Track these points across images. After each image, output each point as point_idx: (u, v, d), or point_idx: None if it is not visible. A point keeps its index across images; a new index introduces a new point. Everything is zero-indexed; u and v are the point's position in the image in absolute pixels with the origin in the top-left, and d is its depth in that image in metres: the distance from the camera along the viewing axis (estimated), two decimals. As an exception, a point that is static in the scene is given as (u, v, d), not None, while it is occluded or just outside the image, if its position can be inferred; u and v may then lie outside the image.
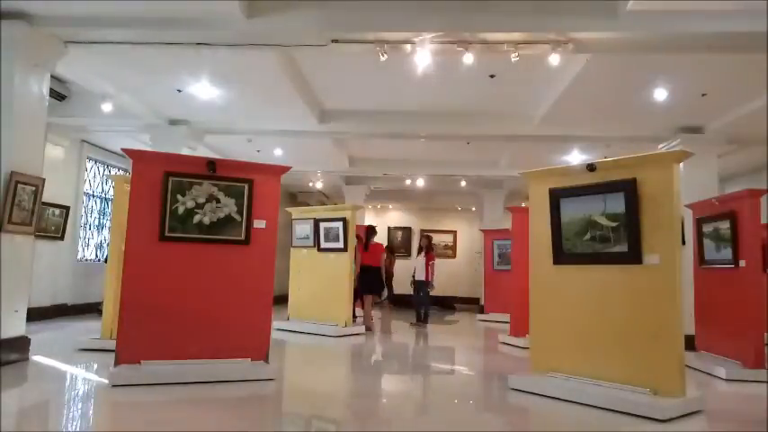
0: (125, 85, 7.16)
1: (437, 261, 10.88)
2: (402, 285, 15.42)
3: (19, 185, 5.06)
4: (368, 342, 7.77)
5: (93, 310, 9.35)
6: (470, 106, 8.06)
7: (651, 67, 6.08)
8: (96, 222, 10.55)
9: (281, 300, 9.28)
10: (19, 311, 5.19)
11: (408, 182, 12.78)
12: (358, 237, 8.72)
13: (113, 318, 5.52)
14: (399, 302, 14.48)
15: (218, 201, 4.74)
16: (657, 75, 6.28)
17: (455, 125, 8.47)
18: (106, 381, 4.39)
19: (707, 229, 6.17)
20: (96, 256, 10.48)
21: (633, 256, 4.20)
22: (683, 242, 4.97)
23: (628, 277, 4.26)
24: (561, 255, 4.67)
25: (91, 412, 3.96)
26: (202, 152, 9.11)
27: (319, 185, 13.59)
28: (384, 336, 8.97)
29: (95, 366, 5.19)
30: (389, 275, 14.75)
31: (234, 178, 4.80)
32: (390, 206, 16.94)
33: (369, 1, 5.12)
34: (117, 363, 4.38)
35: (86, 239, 10.21)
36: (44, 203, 5.48)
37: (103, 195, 10.69)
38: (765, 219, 6.23)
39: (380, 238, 15.67)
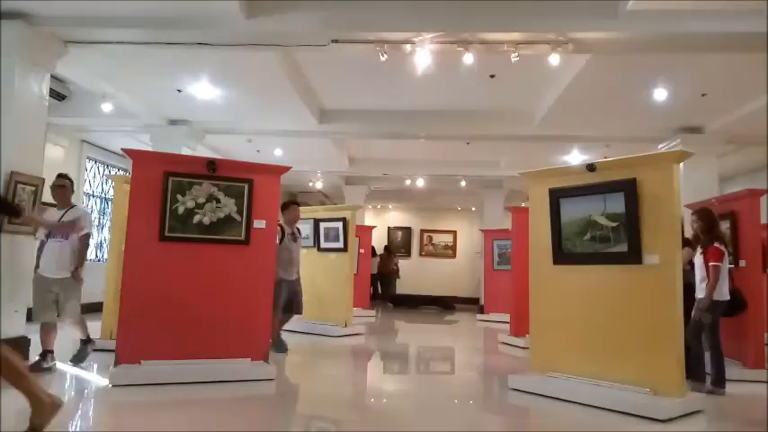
0: (125, 85, 7.17)
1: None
2: (404, 285, 15.45)
3: (19, 185, 5.06)
4: (368, 342, 7.77)
5: (92, 309, 9.33)
6: (470, 106, 8.06)
7: (651, 67, 6.07)
8: (96, 222, 10.53)
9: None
10: (19, 311, 5.19)
11: (408, 182, 12.77)
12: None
13: (113, 318, 5.51)
14: (401, 302, 14.46)
15: (218, 201, 4.73)
16: (657, 75, 6.28)
17: (455, 125, 8.47)
18: (106, 381, 4.39)
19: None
20: (96, 256, 10.48)
21: (633, 256, 4.20)
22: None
23: (628, 277, 4.26)
24: (561, 255, 4.67)
25: (91, 412, 3.97)
26: (202, 152, 9.10)
27: (319, 185, 13.58)
28: (384, 336, 8.96)
29: (95, 366, 5.19)
30: (387, 275, 14.76)
31: (234, 178, 4.80)
32: (390, 206, 16.94)
33: (369, 1, 5.12)
34: (117, 363, 4.37)
35: (86, 239, 10.18)
36: (44, 203, 5.47)
37: (103, 195, 10.68)
38: (765, 219, 6.23)
39: (381, 238, 15.74)
